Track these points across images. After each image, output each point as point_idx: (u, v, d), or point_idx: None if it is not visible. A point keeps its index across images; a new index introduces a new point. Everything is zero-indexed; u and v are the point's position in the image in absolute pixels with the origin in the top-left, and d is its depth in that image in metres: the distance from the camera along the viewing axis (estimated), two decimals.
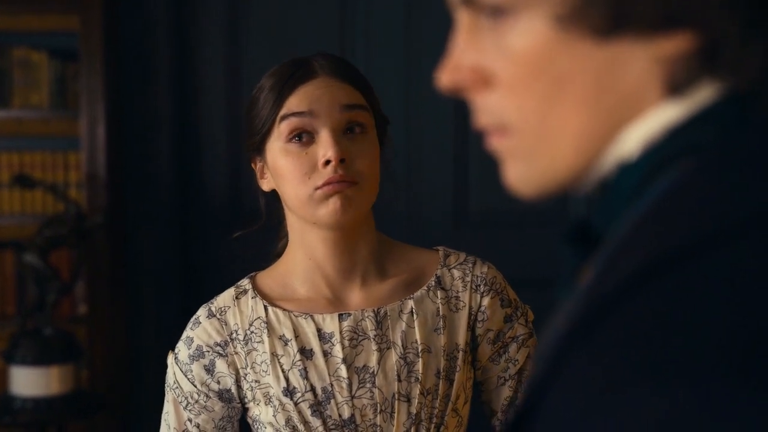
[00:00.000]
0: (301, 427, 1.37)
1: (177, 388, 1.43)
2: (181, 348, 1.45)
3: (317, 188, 1.35)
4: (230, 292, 1.45)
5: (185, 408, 1.42)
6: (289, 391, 1.37)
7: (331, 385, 1.38)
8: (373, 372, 1.39)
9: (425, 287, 1.44)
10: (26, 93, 3.19)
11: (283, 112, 1.38)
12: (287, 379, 1.38)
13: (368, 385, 1.38)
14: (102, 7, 3.04)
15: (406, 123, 3.09)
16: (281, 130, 1.38)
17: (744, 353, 0.47)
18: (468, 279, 1.45)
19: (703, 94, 0.58)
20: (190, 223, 3.21)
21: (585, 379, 0.51)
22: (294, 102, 1.37)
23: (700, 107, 0.58)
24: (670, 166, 0.58)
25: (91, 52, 3.06)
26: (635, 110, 0.59)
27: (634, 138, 0.59)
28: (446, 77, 0.63)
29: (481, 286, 1.45)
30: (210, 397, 1.41)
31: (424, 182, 3.13)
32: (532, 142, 0.61)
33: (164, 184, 3.16)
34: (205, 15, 3.16)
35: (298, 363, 1.38)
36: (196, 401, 1.42)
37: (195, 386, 1.42)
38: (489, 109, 0.63)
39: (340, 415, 1.37)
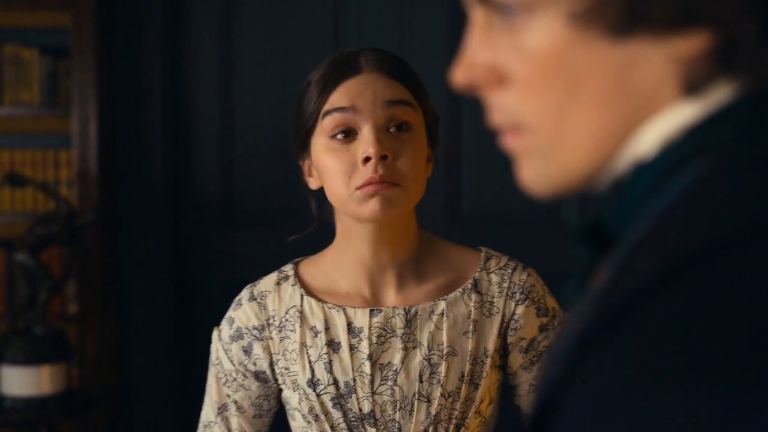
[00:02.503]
0: (322, 417, 1.40)
1: (218, 364, 1.47)
2: (224, 327, 1.47)
3: (357, 188, 1.33)
4: (273, 276, 1.47)
5: (224, 384, 1.46)
6: (313, 383, 1.40)
7: (354, 380, 1.39)
8: (396, 370, 1.39)
9: (460, 289, 1.43)
10: (17, 90, 3.17)
11: (326, 107, 1.36)
12: (312, 371, 1.40)
13: (390, 383, 1.39)
14: (94, 3, 3.03)
15: None
16: (324, 126, 1.36)
17: None
18: (505, 285, 1.44)
19: (719, 94, 0.58)
20: (182, 221, 3.19)
21: (604, 381, 0.50)
22: (337, 97, 1.36)
23: (717, 107, 0.58)
24: (687, 165, 0.57)
25: (83, 48, 3.04)
26: (651, 110, 0.58)
27: (651, 137, 0.59)
28: (460, 75, 0.63)
29: (517, 294, 1.43)
30: (247, 377, 1.45)
31: None
32: (548, 141, 0.61)
33: (156, 182, 3.15)
34: (198, 10, 3.15)
35: (324, 356, 1.40)
36: (234, 379, 1.46)
37: (234, 365, 1.45)
38: (503, 108, 0.62)
39: (360, 409, 1.39)
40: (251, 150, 3.17)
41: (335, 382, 1.39)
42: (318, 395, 1.40)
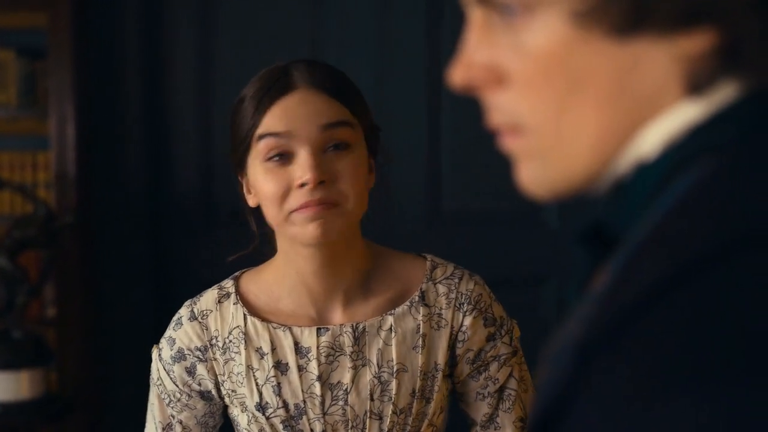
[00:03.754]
0: None
1: (160, 384, 1.45)
2: (164, 346, 1.44)
3: (293, 211, 1.30)
4: (213, 294, 1.42)
5: (168, 404, 1.44)
6: (261, 406, 1.37)
7: (304, 402, 1.36)
8: (346, 389, 1.37)
9: (408, 302, 1.40)
10: None
11: (260, 131, 1.32)
12: (260, 394, 1.37)
13: (341, 402, 1.37)
14: (70, 4, 3.00)
15: (378, 123, 3.07)
16: (259, 149, 1.32)
17: None
18: (452, 296, 1.41)
19: (723, 93, 0.57)
20: (161, 223, 3.17)
21: (614, 386, 0.49)
22: (271, 121, 1.31)
23: (720, 106, 0.57)
24: (690, 165, 0.57)
25: (60, 49, 3.01)
26: (654, 110, 0.58)
27: (653, 138, 0.58)
28: (458, 75, 0.61)
29: (465, 305, 1.40)
30: (192, 397, 1.42)
31: (397, 183, 3.11)
32: (548, 142, 0.60)
33: (135, 184, 3.13)
34: (176, 11, 3.13)
35: (272, 378, 1.37)
36: (179, 399, 1.43)
37: (177, 386, 1.43)
38: (502, 109, 0.61)
39: (312, 430, 1.37)
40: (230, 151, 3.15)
41: (285, 405, 1.36)
42: (268, 418, 1.36)
